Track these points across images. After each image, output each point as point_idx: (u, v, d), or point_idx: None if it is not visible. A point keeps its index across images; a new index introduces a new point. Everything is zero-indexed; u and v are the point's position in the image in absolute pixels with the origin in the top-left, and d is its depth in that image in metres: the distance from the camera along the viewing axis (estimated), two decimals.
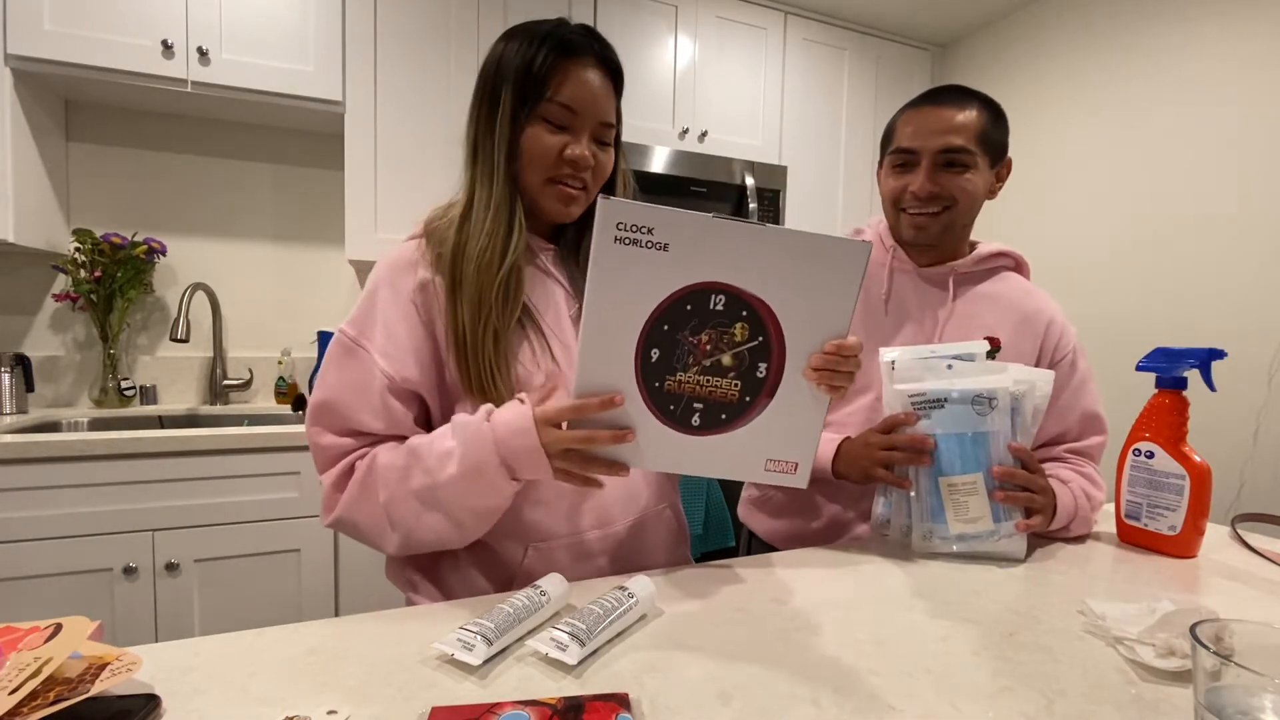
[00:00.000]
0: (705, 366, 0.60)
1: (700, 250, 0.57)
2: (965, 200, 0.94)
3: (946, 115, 0.92)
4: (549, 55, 0.72)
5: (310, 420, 0.72)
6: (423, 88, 1.87)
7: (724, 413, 0.62)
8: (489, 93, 0.75)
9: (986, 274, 1.02)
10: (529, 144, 0.73)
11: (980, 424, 0.79)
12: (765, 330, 0.59)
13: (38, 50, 1.54)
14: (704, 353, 0.60)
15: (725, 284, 0.58)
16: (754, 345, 0.60)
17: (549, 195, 0.76)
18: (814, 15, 2.39)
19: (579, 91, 0.73)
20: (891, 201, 0.98)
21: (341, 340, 0.74)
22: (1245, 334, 1.75)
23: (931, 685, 0.50)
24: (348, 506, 0.70)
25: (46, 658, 0.43)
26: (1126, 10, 2.06)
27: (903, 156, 0.95)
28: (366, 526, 0.70)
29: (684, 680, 0.50)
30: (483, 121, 0.76)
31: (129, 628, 1.40)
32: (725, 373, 0.60)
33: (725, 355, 0.60)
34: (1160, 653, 0.53)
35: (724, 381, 0.61)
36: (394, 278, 0.74)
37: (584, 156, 0.73)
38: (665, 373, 0.60)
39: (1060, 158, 2.24)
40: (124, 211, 1.90)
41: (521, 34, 0.75)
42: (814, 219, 2.43)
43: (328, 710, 0.44)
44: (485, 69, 0.77)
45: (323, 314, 2.13)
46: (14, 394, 1.71)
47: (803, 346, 0.60)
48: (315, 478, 1.52)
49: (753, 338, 0.59)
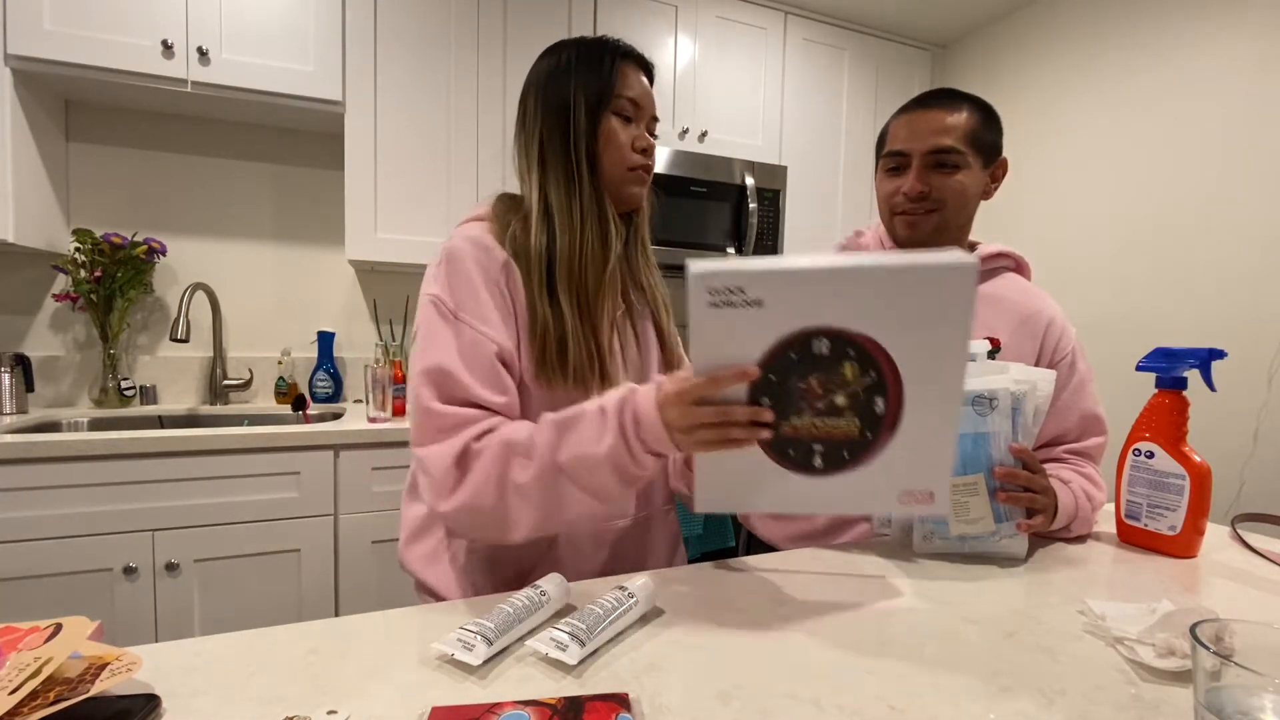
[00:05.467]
0: (819, 409, 0.59)
1: (795, 299, 0.57)
2: (956, 200, 0.94)
3: (936, 117, 0.93)
4: (610, 57, 0.78)
5: (420, 382, 0.70)
6: (423, 88, 1.88)
7: (846, 450, 0.61)
8: (553, 98, 0.79)
9: (987, 275, 1.02)
10: (609, 137, 0.78)
11: (981, 424, 0.79)
12: (876, 365, 0.58)
13: (38, 50, 1.54)
14: (816, 396, 0.59)
15: (827, 327, 0.57)
16: (868, 383, 0.59)
17: (630, 181, 0.80)
18: (814, 15, 2.39)
19: (639, 88, 0.80)
20: (885, 204, 0.99)
21: (439, 309, 0.73)
22: (1245, 334, 1.75)
23: (931, 685, 0.50)
24: (476, 492, 0.66)
25: (46, 658, 0.43)
26: (1127, 10, 2.06)
27: (895, 159, 0.96)
28: (493, 511, 0.66)
29: (684, 680, 0.50)
30: (551, 126, 0.79)
31: (129, 628, 1.40)
32: (841, 413, 0.60)
33: (838, 396, 0.59)
34: (1160, 653, 0.53)
35: (842, 421, 0.60)
36: (478, 254, 0.75)
37: (652, 145, 0.82)
38: (780, 421, 0.60)
39: (1060, 157, 2.24)
40: (124, 211, 1.90)
41: (570, 46, 0.80)
42: (814, 219, 2.44)
43: (328, 710, 0.44)
44: (540, 79, 0.80)
45: (323, 314, 2.13)
46: (14, 394, 1.71)
47: (921, 376, 0.58)
48: (315, 478, 1.53)
49: (864, 374, 0.58)
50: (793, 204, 2.35)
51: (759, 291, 0.56)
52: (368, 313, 2.17)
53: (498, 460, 0.66)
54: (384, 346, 2.11)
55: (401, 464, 1.62)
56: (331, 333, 2.08)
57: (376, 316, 2.18)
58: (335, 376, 2.06)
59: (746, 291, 0.56)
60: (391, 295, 2.18)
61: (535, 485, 0.65)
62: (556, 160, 0.78)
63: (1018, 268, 1.05)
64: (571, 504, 0.66)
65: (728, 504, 0.66)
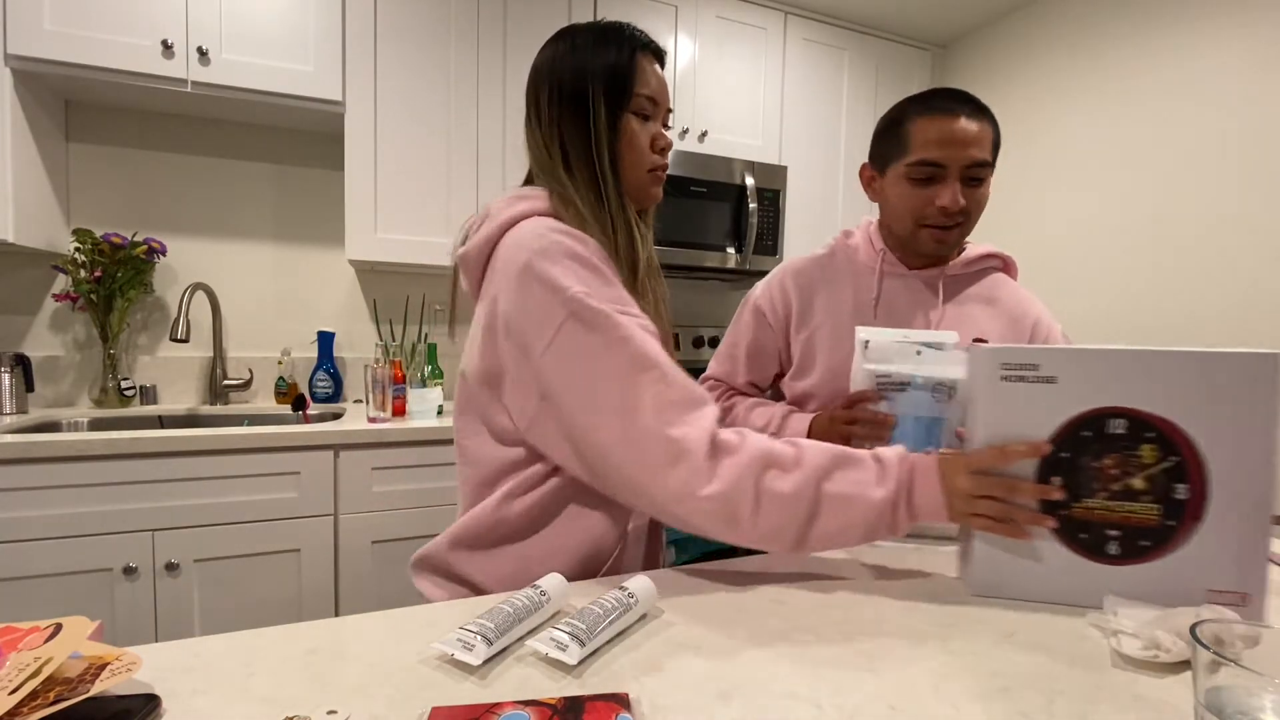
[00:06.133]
0: (1115, 491, 0.58)
1: (1089, 379, 0.57)
2: (979, 212, 0.95)
3: (970, 128, 0.90)
4: (625, 52, 0.74)
5: (623, 380, 0.64)
6: (423, 87, 1.88)
7: (1145, 539, 0.59)
8: (570, 94, 0.75)
9: (976, 276, 1.03)
10: (630, 139, 0.76)
11: (938, 409, 0.83)
12: (1178, 450, 0.57)
13: (38, 50, 1.54)
14: (1111, 477, 0.58)
15: (1123, 408, 0.57)
16: (1168, 466, 0.57)
17: (650, 182, 0.79)
18: (814, 15, 2.40)
19: (656, 83, 0.77)
20: (913, 216, 0.95)
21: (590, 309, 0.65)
22: (1246, 334, 1.75)
23: (931, 685, 0.50)
24: (734, 484, 0.62)
25: (46, 658, 0.43)
26: (1126, 10, 2.06)
27: (927, 170, 0.91)
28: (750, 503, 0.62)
29: (684, 680, 0.50)
30: (571, 126, 0.75)
31: (129, 628, 1.40)
32: (1139, 496, 0.58)
33: (1136, 479, 0.58)
34: (1145, 645, 0.53)
35: (1139, 506, 0.58)
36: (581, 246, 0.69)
37: (670, 142, 0.79)
38: (1071, 500, 0.59)
39: (1060, 157, 2.24)
40: (124, 211, 1.90)
41: (584, 32, 0.76)
42: (814, 219, 2.44)
43: (328, 710, 0.44)
44: (553, 69, 0.76)
45: (323, 314, 2.13)
46: (14, 394, 1.71)
47: (1228, 465, 0.57)
48: (315, 478, 1.53)
49: (1164, 459, 0.57)
50: (793, 204, 2.35)
51: (1053, 369, 0.57)
52: (368, 313, 2.17)
53: (755, 461, 0.62)
54: (384, 346, 2.11)
55: (401, 464, 1.62)
56: (331, 333, 2.08)
57: (376, 316, 2.18)
58: (335, 376, 2.06)
59: (1040, 369, 0.57)
60: (391, 295, 2.18)
61: (791, 498, 0.62)
62: (581, 164, 0.75)
63: (1005, 268, 1.06)
64: (815, 531, 0.63)
65: (1007, 588, 0.63)
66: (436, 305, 2.22)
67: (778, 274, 1.10)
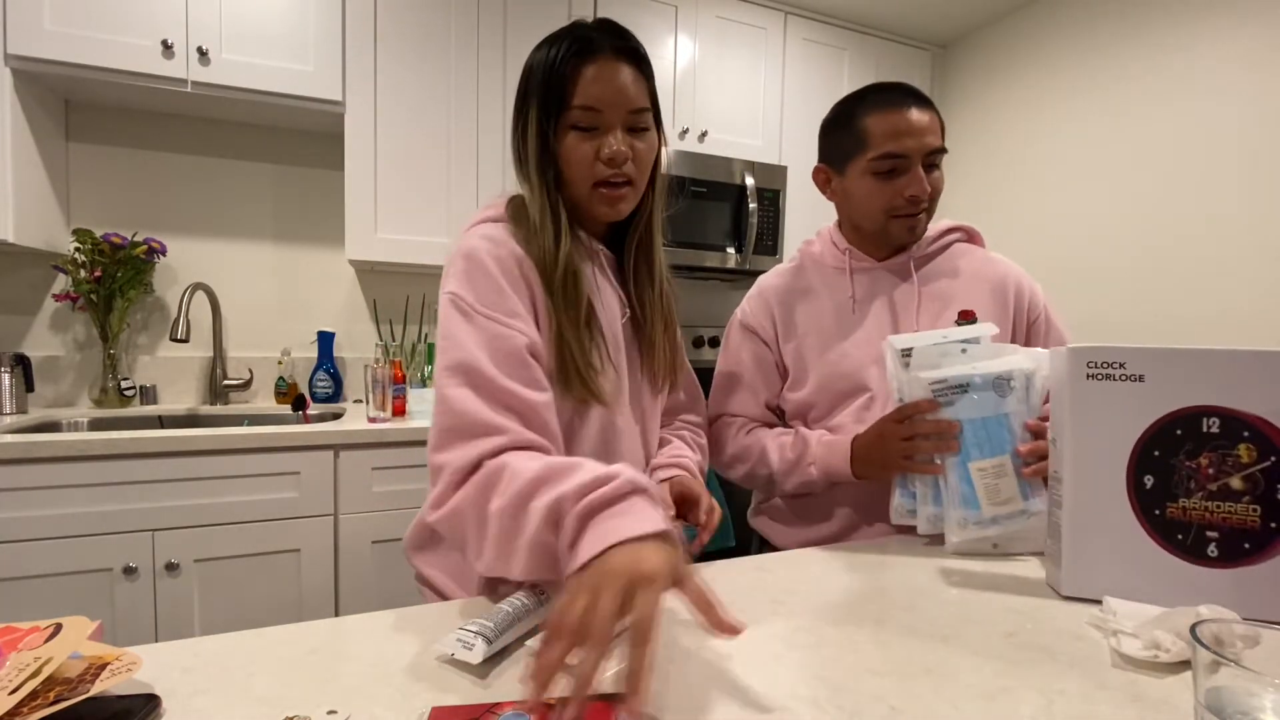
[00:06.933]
0: (1211, 491, 0.58)
1: (1179, 377, 0.57)
2: (939, 195, 0.97)
3: (923, 118, 0.93)
4: (564, 60, 0.72)
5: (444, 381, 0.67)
6: (423, 87, 1.88)
7: (1246, 541, 0.58)
8: (521, 107, 0.77)
9: (941, 251, 1.04)
10: (566, 155, 0.74)
11: (1001, 405, 0.79)
12: (1277, 450, 0.56)
13: (38, 50, 1.54)
14: (1207, 477, 0.57)
15: (1216, 406, 0.56)
16: (1266, 466, 0.56)
17: (596, 200, 0.76)
18: (814, 15, 2.39)
19: (602, 89, 0.72)
20: (883, 209, 0.96)
21: (458, 306, 0.70)
22: (1252, 334, 1.75)
23: (931, 685, 0.50)
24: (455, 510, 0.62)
25: (46, 658, 0.43)
26: (1127, 10, 2.06)
27: (890, 162, 0.93)
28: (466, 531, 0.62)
29: (684, 680, 0.50)
30: (519, 134, 0.77)
31: (129, 628, 1.40)
32: (1238, 497, 0.57)
33: (1234, 478, 0.57)
34: (1145, 645, 0.53)
35: (1239, 506, 0.57)
36: (496, 250, 0.72)
37: (619, 152, 0.72)
38: (1165, 500, 0.59)
39: (1060, 157, 2.24)
40: (124, 211, 1.90)
41: (545, 43, 0.76)
42: (814, 219, 2.42)
43: (328, 710, 0.44)
44: (519, 83, 0.78)
45: (323, 314, 2.13)
46: (14, 394, 1.71)
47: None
48: (315, 478, 1.53)
49: (1263, 459, 0.56)
50: (793, 204, 2.35)
51: (1140, 367, 0.57)
52: (368, 313, 2.17)
53: (481, 487, 0.60)
54: (384, 346, 2.11)
55: (401, 464, 1.62)
56: (331, 333, 2.08)
57: (376, 316, 2.18)
58: (335, 376, 2.06)
59: (1127, 366, 0.57)
60: (391, 295, 2.18)
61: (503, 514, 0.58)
62: (529, 173, 0.76)
63: (969, 238, 1.06)
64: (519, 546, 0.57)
65: (1100, 587, 0.62)
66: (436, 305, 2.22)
67: (755, 292, 1.10)
